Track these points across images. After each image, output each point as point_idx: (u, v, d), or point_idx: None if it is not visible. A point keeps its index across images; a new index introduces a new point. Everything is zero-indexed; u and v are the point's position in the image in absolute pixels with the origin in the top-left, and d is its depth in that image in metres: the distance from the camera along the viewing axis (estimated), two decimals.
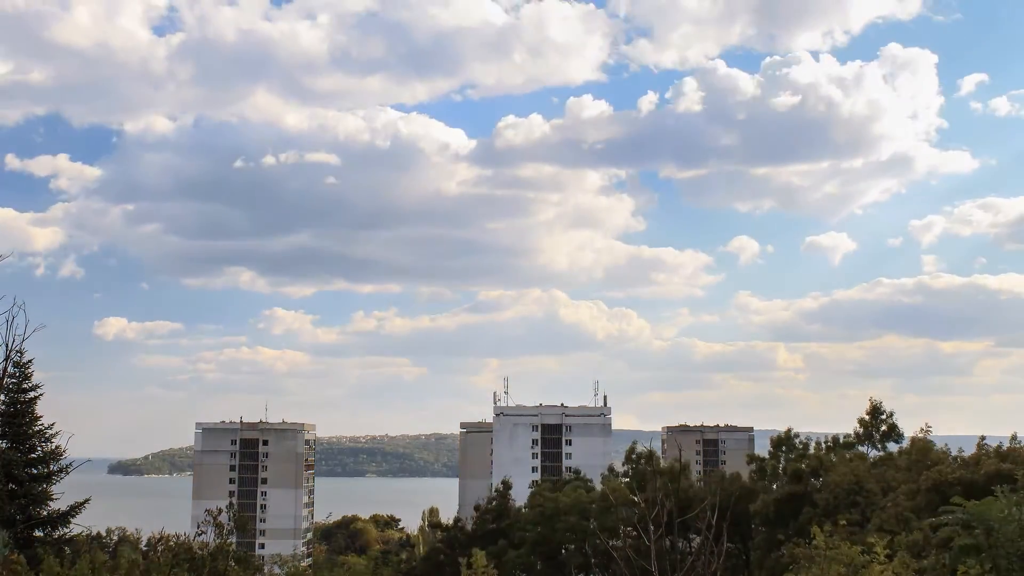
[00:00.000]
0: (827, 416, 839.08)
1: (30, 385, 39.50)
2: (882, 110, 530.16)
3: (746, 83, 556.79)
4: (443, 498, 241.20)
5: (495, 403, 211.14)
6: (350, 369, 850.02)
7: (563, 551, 76.14)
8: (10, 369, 35.13)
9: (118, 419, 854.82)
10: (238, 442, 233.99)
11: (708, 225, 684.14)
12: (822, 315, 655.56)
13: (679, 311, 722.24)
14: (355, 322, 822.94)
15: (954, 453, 66.77)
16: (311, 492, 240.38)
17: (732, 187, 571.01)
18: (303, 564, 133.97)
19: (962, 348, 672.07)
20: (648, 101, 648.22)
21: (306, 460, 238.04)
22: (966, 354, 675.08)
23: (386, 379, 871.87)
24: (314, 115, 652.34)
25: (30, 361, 39.16)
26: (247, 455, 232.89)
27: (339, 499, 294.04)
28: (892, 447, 74.30)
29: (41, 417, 39.56)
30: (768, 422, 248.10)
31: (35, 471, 38.56)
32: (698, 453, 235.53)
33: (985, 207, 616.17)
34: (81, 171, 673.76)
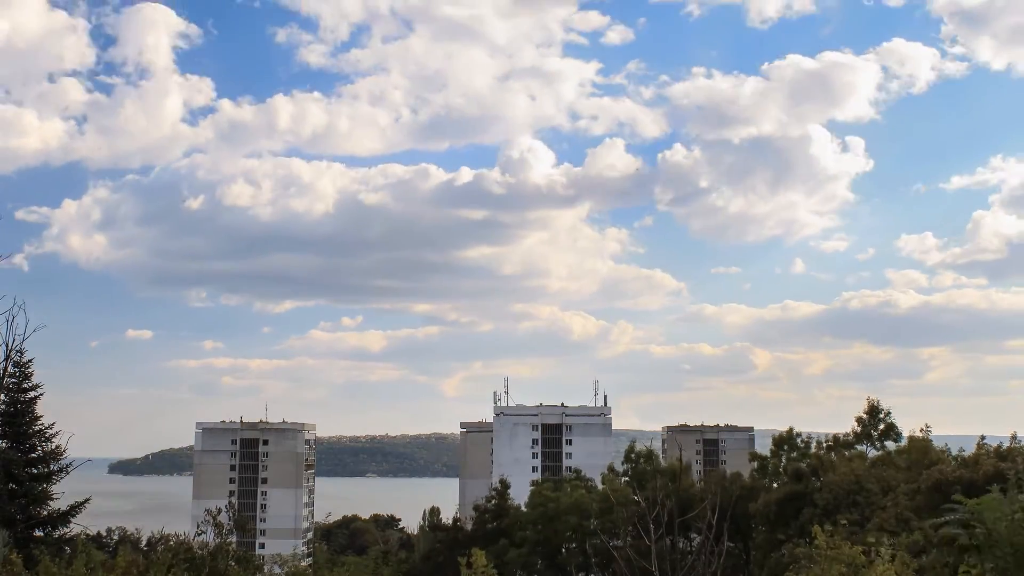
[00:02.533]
0: (803, 416, 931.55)
1: (30, 385, 39.36)
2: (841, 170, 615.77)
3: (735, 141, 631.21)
4: (443, 498, 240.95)
5: (495, 403, 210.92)
6: (349, 371, 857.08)
7: (563, 551, 76.11)
8: (10, 369, 35.09)
9: (118, 419, 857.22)
10: (238, 442, 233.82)
11: (692, 250, 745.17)
12: (796, 325, 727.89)
13: (662, 321, 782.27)
14: (350, 329, 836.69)
15: (954, 452, 66.89)
16: (311, 492, 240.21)
17: (716, 220, 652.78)
18: (303, 564, 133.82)
19: (922, 354, 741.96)
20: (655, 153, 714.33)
21: (306, 460, 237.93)
22: (927, 359, 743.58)
23: (386, 381, 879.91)
24: (319, 165, 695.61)
25: (30, 361, 39.05)
26: (247, 455, 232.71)
27: (339, 499, 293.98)
28: (890, 446, 74.36)
29: (41, 417, 39.45)
30: (749, 421, 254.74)
31: (35, 471, 38.46)
32: (698, 453, 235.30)
33: (921, 239, 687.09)
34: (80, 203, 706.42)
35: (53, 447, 38.81)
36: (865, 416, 76.22)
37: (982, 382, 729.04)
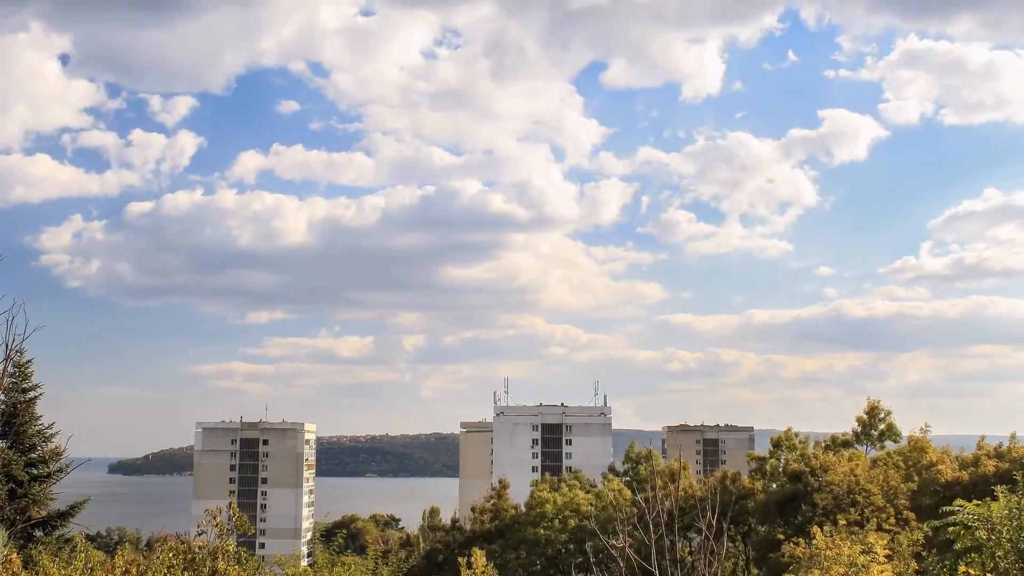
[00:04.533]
0: (789, 416, 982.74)
1: (30, 385, 39.38)
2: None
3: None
4: (443, 498, 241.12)
5: (495, 403, 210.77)
6: (348, 373, 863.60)
7: (562, 551, 76.09)
8: (10, 369, 35.10)
9: (118, 419, 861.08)
10: (238, 442, 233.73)
11: (681, 264, 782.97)
12: (776, 332, 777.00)
13: (648, 328, 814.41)
14: (351, 333, 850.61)
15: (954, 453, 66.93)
16: (311, 492, 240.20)
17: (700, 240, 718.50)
18: (303, 564, 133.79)
19: (898, 358, 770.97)
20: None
21: (306, 460, 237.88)
22: (906, 362, 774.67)
23: (385, 382, 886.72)
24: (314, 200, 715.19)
25: (30, 361, 39.04)
26: (247, 455, 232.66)
27: (339, 499, 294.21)
28: (889, 446, 74.41)
29: (41, 417, 39.45)
30: (740, 422, 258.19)
31: (35, 471, 38.50)
32: (698, 453, 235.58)
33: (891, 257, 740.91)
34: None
35: (53, 447, 38.82)
36: (865, 416, 76.30)
37: (956, 384, 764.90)
